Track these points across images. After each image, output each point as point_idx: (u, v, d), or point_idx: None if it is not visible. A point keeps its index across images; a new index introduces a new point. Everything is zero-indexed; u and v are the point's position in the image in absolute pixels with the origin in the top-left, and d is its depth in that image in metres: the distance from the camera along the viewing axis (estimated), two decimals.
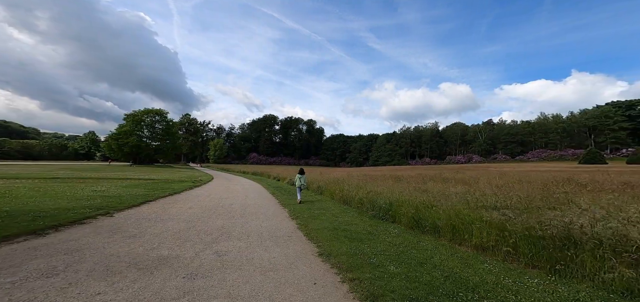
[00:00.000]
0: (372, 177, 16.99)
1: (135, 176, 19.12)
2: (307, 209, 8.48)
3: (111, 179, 15.48)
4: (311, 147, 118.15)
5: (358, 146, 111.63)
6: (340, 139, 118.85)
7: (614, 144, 76.86)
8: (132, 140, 54.91)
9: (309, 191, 14.81)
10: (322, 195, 12.43)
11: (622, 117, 77.10)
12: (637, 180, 10.62)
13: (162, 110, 64.06)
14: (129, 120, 58.24)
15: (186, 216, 6.70)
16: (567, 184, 8.13)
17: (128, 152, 56.39)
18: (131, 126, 57.23)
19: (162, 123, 63.64)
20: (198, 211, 7.42)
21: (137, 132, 58.92)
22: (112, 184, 12.65)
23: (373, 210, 7.14)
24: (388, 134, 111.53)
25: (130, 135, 55.71)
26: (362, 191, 9.28)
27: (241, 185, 17.37)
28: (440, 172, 22.46)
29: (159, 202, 8.36)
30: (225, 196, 11.19)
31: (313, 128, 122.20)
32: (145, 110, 61.78)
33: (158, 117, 62.94)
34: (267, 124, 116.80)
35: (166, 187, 12.05)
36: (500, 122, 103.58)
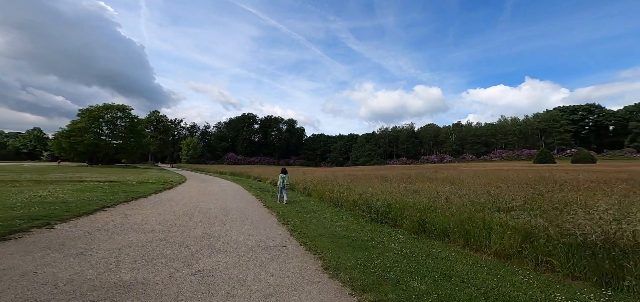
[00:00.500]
0: (357, 177, 16.76)
1: (90, 177, 16.61)
2: (296, 212, 7.78)
3: (58, 182, 13.15)
4: (291, 146, 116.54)
5: (338, 146, 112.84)
6: (321, 139, 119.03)
7: (560, 145, 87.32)
8: (88, 138, 48.75)
9: (293, 191, 14.10)
10: (309, 196, 11.79)
11: (567, 121, 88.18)
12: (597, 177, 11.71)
13: (125, 106, 58.08)
14: (85, 116, 51.72)
15: (155, 225, 5.59)
16: (546, 182, 8.51)
17: (83, 152, 49.97)
18: (87, 123, 50.85)
19: (125, 120, 57.66)
20: (170, 217, 6.31)
21: (95, 129, 52.58)
22: (59, 187, 10.63)
23: (370, 213, 6.70)
24: (367, 134, 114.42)
25: (86, 133, 49.44)
26: (354, 192, 8.84)
27: (219, 186, 15.98)
28: (421, 171, 23.13)
29: (118, 209, 7.01)
30: (201, 198, 9.98)
31: (293, 128, 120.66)
32: (104, 106, 55.42)
33: (120, 113, 56.87)
34: (246, 122, 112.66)
35: (129, 190, 10.43)
36: (468, 124, 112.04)
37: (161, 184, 14.36)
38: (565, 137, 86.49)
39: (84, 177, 16.22)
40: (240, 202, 9.76)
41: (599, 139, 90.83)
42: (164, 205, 8.11)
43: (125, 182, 14.00)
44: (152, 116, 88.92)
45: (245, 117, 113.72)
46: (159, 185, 13.84)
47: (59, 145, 50.80)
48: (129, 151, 58.17)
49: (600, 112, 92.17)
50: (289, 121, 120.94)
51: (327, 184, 11.56)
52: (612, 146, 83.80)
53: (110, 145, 54.94)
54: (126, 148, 57.32)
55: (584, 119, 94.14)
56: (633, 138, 77.12)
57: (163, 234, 5.01)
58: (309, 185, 13.12)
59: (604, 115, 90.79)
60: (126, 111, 57.91)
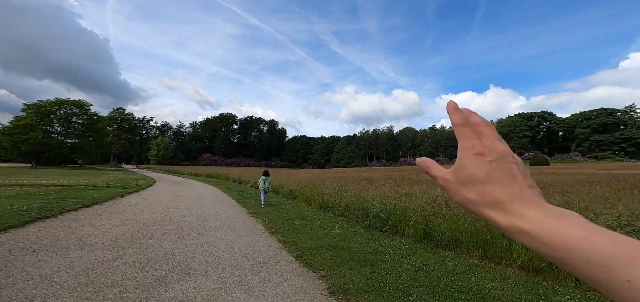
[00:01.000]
0: (343, 180, 16.33)
1: (33, 180, 14.06)
2: (284, 218, 7.00)
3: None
4: (272, 148, 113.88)
5: (320, 148, 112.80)
6: (303, 141, 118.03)
7: (520, 149, 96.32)
8: (34, 136, 42.55)
9: (278, 195, 13.24)
10: (295, 200, 11.01)
11: (525, 127, 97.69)
12: (572, 179, 12.57)
13: (82, 102, 51.96)
14: (32, 112, 45.15)
15: (109, 239, 4.47)
16: None
17: (28, 151, 43.46)
18: (34, 119, 44.39)
19: (83, 117, 51.52)
20: (131, 228, 5.17)
21: (44, 126, 46.13)
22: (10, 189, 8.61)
23: (366, 219, 6.17)
24: (349, 137, 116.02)
25: (32, 130, 43.11)
26: (345, 196, 8.29)
27: (194, 189, 14.48)
28: (404, 173, 23.50)
29: (62, 219, 5.64)
30: (173, 204, 8.71)
31: (275, 129, 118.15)
32: (57, 101, 48.97)
33: (77, 109, 50.66)
34: (224, 122, 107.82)
35: (80, 196, 8.76)
36: (442, 128, 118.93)
37: (123, 187, 12.53)
38: (524, 142, 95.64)
39: (23, 181, 13.64)
40: (220, 207, 8.68)
41: (551, 144, 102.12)
42: (124, 213, 6.80)
43: (78, 186, 11.96)
44: (115, 114, 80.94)
45: (223, 116, 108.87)
46: (119, 189, 12.04)
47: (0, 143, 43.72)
48: (87, 150, 52.08)
49: (552, 119, 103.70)
50: (270, 122, 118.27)
51: (315, 187, 10.89)
52: (561, 150, 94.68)
53: (63, 144, 48.61)
54: (83, 148, 51.17)
55: (539, 125, 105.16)
56: (578, 143, 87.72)
57: (120, 251, 3.96)
58: (294, 188, 12.33)
59: (555, 122, 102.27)
60: (84, 107, 51.84)
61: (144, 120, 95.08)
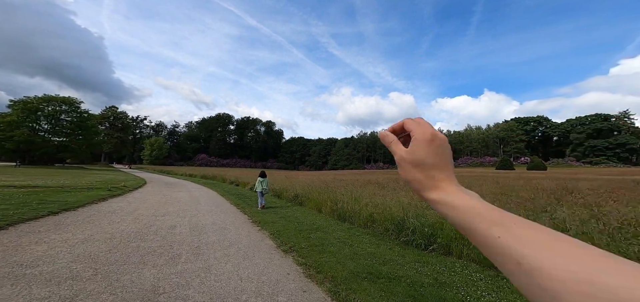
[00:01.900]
0: (347, 183, 15.21)
1: (4, 181, 12.51)
2: (295, 229, 5.81)
3: None
4: (269, 149, 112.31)
5: (318, 150, 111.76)
6: (300, 142, 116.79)
7: (516, 153, 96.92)
8: (20, 134, 40.32)
9: (281, 199, 12.07)
10: (302, 206, 9.81)
11: (521, 131, 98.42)
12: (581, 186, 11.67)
13: (72, 99, 49.83)
14: (18, 109, 42.91)
15: (65, 265, 3.20)
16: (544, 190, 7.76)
17: (12, 149, 41.16)
18: (20, 116, 42.17)
19: (73, 114, 49.32)
20: (102, 246, 3.91)
21: (30, 123, 43.89)
22: None
23: (401, 234, 5.02)
24: (346, 139, 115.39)
25: (18, 128, 40.87)
26: (361, 202, 7.14)
27: (188, 192, 13.14)
28: None
29: (12, 232, 4.28)
30: (162, 210, 7.41)
31: (272, 130, 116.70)
32: (45, 98, 46.79)
33: (65, 106, 48.48)
34: (221, 123, 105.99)
35: (51, 200, 7.39)
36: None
37: (108, 189, 11.12)
38: (520, 146, 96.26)
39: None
40: (217, 214, 7.43)
41: (545, 149, 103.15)
42: (99, 222, 5.49)
43: (54, 188, 10.51)
44: (108, 112, 78.41)
45: (220, 117, 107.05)
46: (103, 191, 10.64)
47: None
48: (76, 149, 49.84)
49: (547, 124, 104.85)
50: (267, 123, 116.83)
51: (325, 191, 9.72)
52: (555, 155, 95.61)
53: (49, 142, 46.31)
54: (72, 147, 48.89)
55: (534, 129, 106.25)
56: (573, 148, 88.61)
57: (73, 287, 2.70)
58: (300, 192, 11.14)
59: (550, 127, 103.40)
60: (74, 105, 49.69)
61: (137, 119, 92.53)
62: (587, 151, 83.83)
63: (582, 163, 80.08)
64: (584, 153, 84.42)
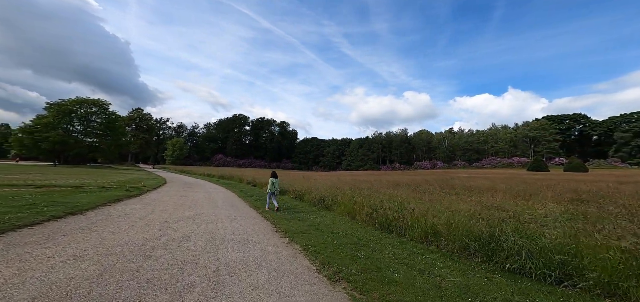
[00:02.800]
0: (373, 184, 13.83)
1: (25, 180, 12.58)
2: (333, 243, 4.64)
3: None
4: (283, 149, 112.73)
5: (331, 150, 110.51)
6: (314, 143, 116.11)
7: (549, 154, 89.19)
8: (55, 135, 42.96)
9: (303, 202, 11.07)
10: (329, 210, 8.65)
11: (555, 130, 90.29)
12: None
13: (101, 101, 52.51)
14: (53, 111, 45.86)
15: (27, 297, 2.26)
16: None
17: (49, 150, 43.99)
18: (55, 118, 45.03)
19: (102, 116, 52.01)
20: (90, 268, 2.98)
21: (65, 125, 46.76)
22: None
23: (497, 256, 3.64)
24: (361, 139, 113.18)
25: (53, 129, 43.63)
26: (406, 209, 5.79)
27: (205, 192, 12.49)
28: (436, 177, 20.54)
29: None
30: (177, 214, 6.58)
31: (286, 130, 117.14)
32: (77, 100, 49.64)
33: (96, 108, 51.22)
34: (237, 124, 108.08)
35: (62, 201, 6.82)
36: (460, 131, 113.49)
37: (126, 190, 10.68)
38: (553, 146, 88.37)
39: (16, 180, 12.18)
40: (238, 220, 6.46)
41: (583, 148, 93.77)
42: (102, 230, 4.68)
43: (73, 188, 10.23)
44: (134, 114, 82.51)
45: (236, 118, 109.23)
46: (121, 191, 10.18)
47: (20, 142, 44.60)
48: (105, 150, 52.47)
49: (586, 122, 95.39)
50: (281, 124, 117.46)
51: (357, 194, 8.46)
52: (595, 155, 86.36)
53: (82, 143, 49.12)
54: (102, 147, 51.60)
55: (570, 128, 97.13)
56: (618, 148, 79.61)
57: None
58: (326, 194, 9.98)
59: (589, 125, 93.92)
60: (103, 107, 52.36)
61: (161, 121, 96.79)
62: (634, 151, 74.95)
63: (628, 164, 71.55)
64: (631, 153, 75.57)
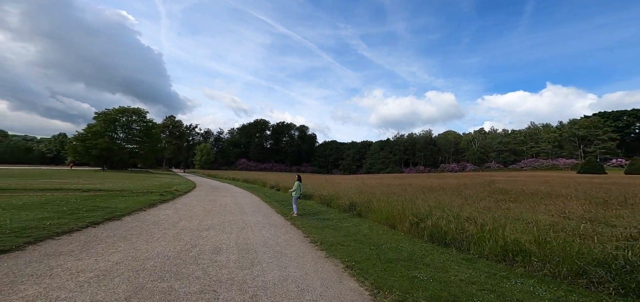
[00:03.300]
0: (402, 188, 12.77)
1: (79, 184, 13.67)
2: (381, 260, 3.96)
3: (29, 190, 10.16)
4: (303, 153, 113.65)
5: (351, 153, 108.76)
6: (333, 146, 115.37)
7: (604, 154, 78.12)
8: (102, 142, 47.72)
9: (331, 207, 10.51)
10: (361, 218, 7.94)
11: (610, 128, 78.79)
12: None
13: (140, 110, 57.29)
14: (100, 120, 51.08)
15: None
16: None
17: (97, 156, 48.98)
18: (102, 126, 50.10)
19: (141, 123, 56.77)
20: (121, 288, 2.68)
21: (110, 133, 51.79)
22: (7, 199, 7.48)
23: (581, 266, 2.71)
24: (382, 142, 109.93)
25: (101, 137, 48.52)
26: (464, 218, 4.88)
27: (232, 197, 12.49)
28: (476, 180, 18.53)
29: (18, 259, 3.49)
30: (207, 221, 6.40)
31: (305, 134, 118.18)
32: (120, 109, 54.79)
33: (135, 116, 56.06)
34: (258, 129, 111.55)
35: (103, 206, 7.04)
36: (492, 131, 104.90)
37: (160, 194, 11.03)
38: (609, 146, 77.21)
39: (67, 185, 13.29)
40: (267, 228, 6.07)
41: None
42: (136, 239, 4.53)
43: (114, 192, 10.81)
44: (167, 121, 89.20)
45: (257, 123, 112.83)
46: (156, 196, 10.51)
47: (74, 149, 50.29)
48: (144, 155, 56.99)
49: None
50: (300, 127, 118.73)
51: (396, 201, 7.64)
52: None
53: (124, 149, 53.94)
54: (141, 153, 56.18)
55: (629, 125, 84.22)
56: None
57: None
58: (356, 199, 9.27)
59: None
60: (141, 115, 57.10)
61: (190, 127, 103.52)
62: None
63: None
64: None
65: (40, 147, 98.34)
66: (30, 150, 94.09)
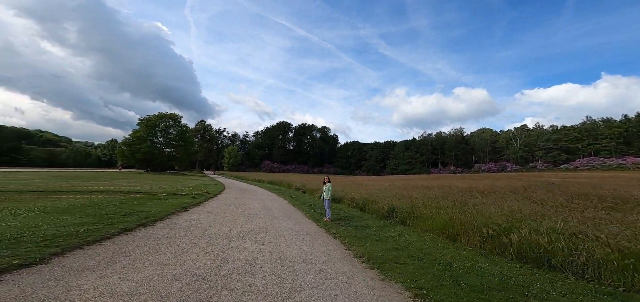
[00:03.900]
0: (440, 190, 11.26)
1: (117, 186, 14.55)
2: (456, 284, 2.99)
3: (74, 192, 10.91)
4: (325, 154, 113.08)
5: (375, 154, 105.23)
6: (356, 147, 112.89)
7: None
8: (144, 146, 52.28)
9: (364, 212, 9.61)
10: (405, 226, 6.89)
11: None
12: None
13: (175, 115, 61.69)
14: (143, 125, 56.02)
15: None
16: None
17: (141, 159, 53.78)
18: (145, 131, 54.90)
19: (176, 128, 61.14)
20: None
21: (151, 137, 56.56)
22: (54, 202, 7.90)
23: None
24: (407, 141, 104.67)
25: (143, 141, 53.19)
26: (587, 235, 3.64)
27: (260, 201, 12.19)
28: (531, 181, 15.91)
29: (34, 276, 3.22)
30: (237, 228, 5.95)
31: (327, 135, 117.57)
32: (159, 115, 59.55)
33: (172, 121, 60.52)
34: (281, 131, 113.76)
35: (139, 209, 7.01)
36: (537, 128, 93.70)
37: (192, 197, 11.11)
38: None
39: (113, 187, 14.20)
40: (301, 238, 5.39)
41: None
42: (166, 249, 4.14)
43: (152, 194, 11.16)
44: (199, 125, 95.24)
45: (280, 125, 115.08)
46: (189, 198, 10.57)
47: (122, 153, 55.83)
48: (180, 158, 61.14)
49: None
50: (322, 129, 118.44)
51: (453, 208, 6.47)
52: None
53: (163, 153, 58.47)
54: (177, 156, 60.37)
55: None
56: None
57: None
58: (397, 204, 8.21)
59: None
60: (177, 119, 61.46)
61: (219, 131, 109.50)
62: None
63: None
64: None
65: (97, 152, 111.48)
66: (89, 154, 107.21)
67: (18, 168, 53.48)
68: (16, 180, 15.42)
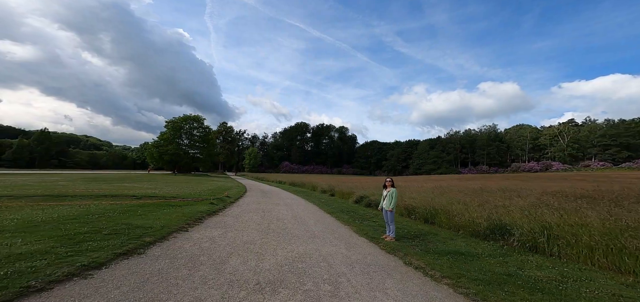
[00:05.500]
0: (512, 192, 8.31)
1: (137, 189, 13.46)
2: None
3: (77, 197, 9.72)
4: (343, 155, 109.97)
5: (396, 153, 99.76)
6: (375, 146, 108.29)
7: None
8: (171, 148, 53.69)
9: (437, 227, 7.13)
10: (536, 254, 4.32)
11: None
12: None
13: (199, 116, 62.87)
14: (169, 128, 57.64)
15: None
16: None
17: (168, 160, 55.31)
18: (171, 134, 56.44)
19: (200, 130, 62.34)
20: None
21: (177, 139, 58.10)
22: (40, 211, 6.49)
23: None
24: (431, 140, 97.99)
25: (170, 143, 54.66)
26: None
27: (287, 206, 10.16)
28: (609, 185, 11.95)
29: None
30: (268, 261, 3.87)
31: (345, 135, 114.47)
32: (184, 117, 61.05)
33: (195, 123, 61.80)
34: (299, 131, 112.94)
35: (133, 226, 5.25)
36: (589, 122, 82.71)
37: (210, 203, 9.39)
38: None
39: (128, 189, 13.14)
40: (371, 277, 3.10)
41: None
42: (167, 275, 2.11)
43: (167, 199, 9.67)
44: (221, 128, 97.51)
45: (298, 126, 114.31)
46: (206, 205, 8.86)
47: (151, 155, 57.97)
48: (203, 160, 62.18)
49: None
50: (340, 129, 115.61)
51: (617, 225, 3.80)
52: None
53: (188, 154, 59.81)
54: (201, 157, 61.45)
55: None
56: None
57: None
58: (503, 217, 5.62)
59: None
60: (200, 121, 62.66)
61: (240, 133, 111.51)
62: None
63: None
64: None
65: (132, 155, 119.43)
66: (125, 157, 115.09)
67: (61, 170, 57.78)
68: (35, 183, 15.04)
